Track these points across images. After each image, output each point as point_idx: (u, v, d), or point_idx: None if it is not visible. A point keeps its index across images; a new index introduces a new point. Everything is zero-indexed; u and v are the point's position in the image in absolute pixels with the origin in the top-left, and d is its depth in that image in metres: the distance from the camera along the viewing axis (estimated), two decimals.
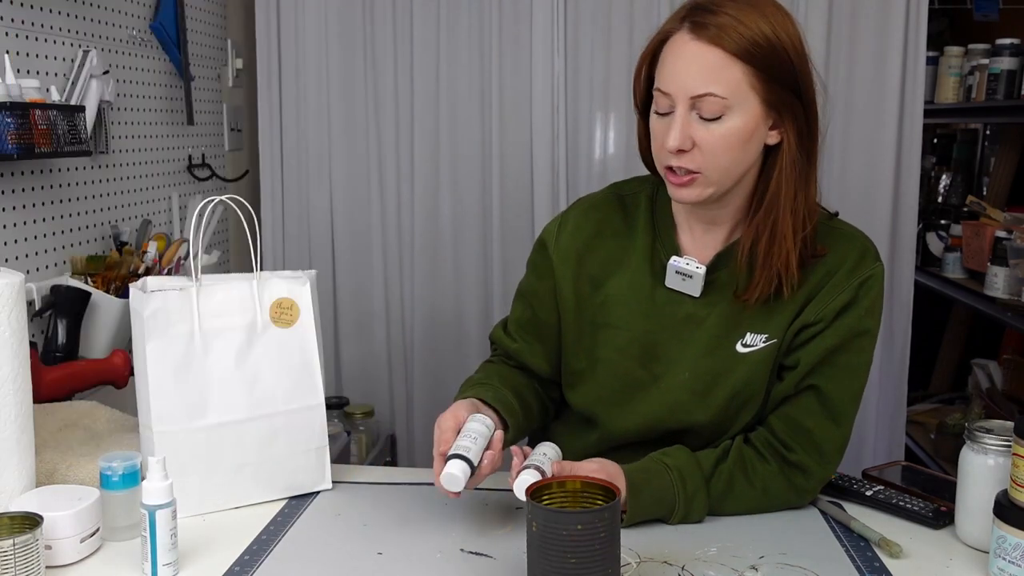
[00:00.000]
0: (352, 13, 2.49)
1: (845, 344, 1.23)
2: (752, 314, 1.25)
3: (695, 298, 1.27)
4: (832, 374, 1.23)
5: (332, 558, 1.13)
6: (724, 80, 1.13)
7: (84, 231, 1.86)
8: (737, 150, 1.16)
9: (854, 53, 2.34)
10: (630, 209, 1.34)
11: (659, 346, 1.28)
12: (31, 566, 1.01)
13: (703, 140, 1.15)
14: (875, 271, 1.25)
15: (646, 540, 1.16)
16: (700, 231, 1.29)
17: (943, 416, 3.25)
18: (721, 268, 1.26)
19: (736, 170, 1.19)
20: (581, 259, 1.33)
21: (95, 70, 1.80)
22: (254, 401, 1.27)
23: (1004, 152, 3.39)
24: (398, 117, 2.52)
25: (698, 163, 1.17)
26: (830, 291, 1.23)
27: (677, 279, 1.27)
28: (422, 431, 2.61)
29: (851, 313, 1.23)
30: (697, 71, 1.14)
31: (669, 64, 1.17)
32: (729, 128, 1.15)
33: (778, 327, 1.25)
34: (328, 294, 2.59)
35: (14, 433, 1.15)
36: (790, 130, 1.18)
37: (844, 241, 1.27)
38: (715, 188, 1.19)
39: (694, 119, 1.15)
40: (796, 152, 1.19)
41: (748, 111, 1.15)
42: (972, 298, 2.92)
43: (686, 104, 1.15)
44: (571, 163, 2.46)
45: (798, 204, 1.20)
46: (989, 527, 1.06)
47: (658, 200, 1.33)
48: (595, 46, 2.40)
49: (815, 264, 1.24)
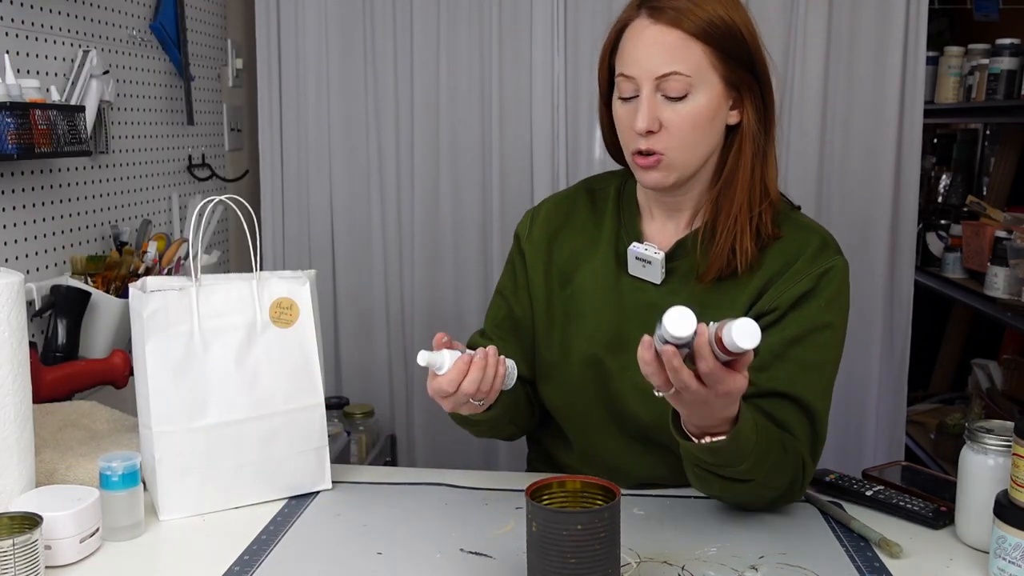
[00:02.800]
0: (352, 13, 2.49)
1: (805, 337, 1.21)
2: (714, 301, 1.25)
3: (657, 285, 1.28)
4: (796, 374, 1.20)
5: (332, 558, 1.13)
6: (686, 59, 1.17)
7: (84, 231, 1.87)
8: (703, 128, 1.20)
9: (854, 53, 2.34)
10: (599, 202, 1.38)
11: (625, 335, 1.29)
12: (31, 566, 1.01)
13: (670, 120, 1.19)
14: (836, 263, 1.25)
15: (646, 540, 1.16)
16: (663, 218, 1.31)
17: (943, 416, 3.25)
18: (682, 255, 1.28)
19: (701, 150, 1.22)
20: (551, 250, 1.36)
21: (95, 70, 1.80)
22: (254, 401, 1.27)
23: (1004, 152, 3.39)
24: (398, 117, 2.52)
25: (665, 143, 1.20)
26: (789, 279, 1.23)
27: (638, 265, 1.29)
28: (422, 431, 2.61)
29: (811, 304, 1.22)
30: (659, 51, 1.18)
31: (630, 48, 1.21)
32: (694, 107, 1.18)
33: (738, 313, 1.22)
34: (328, 294, 2.59)
35: (14, 433, 1.15)
36: (749, 107, 1.22)
37: (805, 231, 1.27)
38: (681, 170, 1.22)
39: (660, 100, 1.19)
40: (755, 128, 1.22)
41: (710, 89, 1.19)
42: (972, 298, 2.92)
43: (651, 85, 1.18)
44: (571, 163, 2.46)
45: (755, 180, 1.23)
46: (989, 527, 1.06)
47: (625, 190, 1.37)
48: (595, 46, 2.39)
49: (773, 249, 1.24)
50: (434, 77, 2.48)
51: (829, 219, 2.35)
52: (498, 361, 1.16)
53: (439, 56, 2.47)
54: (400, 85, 2.50)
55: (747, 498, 1.20)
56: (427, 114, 2.50)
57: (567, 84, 2.43)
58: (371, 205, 2.56)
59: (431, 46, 2.47)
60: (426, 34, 2.47)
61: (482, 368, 1.14)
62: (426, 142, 2.51)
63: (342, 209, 2.57)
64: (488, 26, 2.44)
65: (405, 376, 2.61)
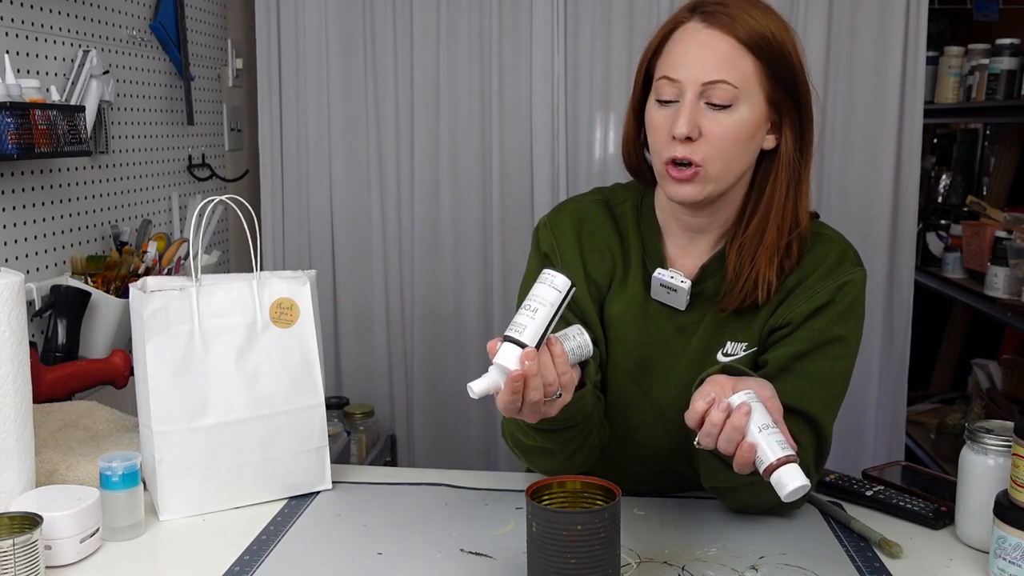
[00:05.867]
0: (352, 13, 2.49)
1: (813, 351, 1.20)
2: (733, 322, 1.23)
3: (683, 310, 1.25)
4: (803, 388, 1.18)
5: (332, 558, 1.13)
6: (736, 69, 1.13)
7: (84, 231, 1.86)
8: (742, 144, 1.15)
9: (854, 53, 2.34)
10: (619, 220, 1.30)
11: (651, 360, 1.26)
12: (31, 566, 1.01)
13: (710, 130, 1.14)
14: (855, 276, 1.22)
15: (646, 540, 1.16)
16: (685, 240, 1.26)
17: (943, 416, 3.25)
18: (707, 279, 1.24)
19: (736, 168, 1.17)
20: (587, 272, 1.28)
21: (95, 70, 1.80)
22: (254, 401, 1.27)
23: (1004, 152, 3.39)
24: (398, 117, 2.52)
25: (703, 154, 1.14)
26: (802, 293, 1.21)
27: (662, 292, 1.24)
28: (422, 431, 2.61)
29: (823, 316, 1.20)
30: (711, 57, 1.13)
31: (679, 51, 1.16)
32: (736, 119, 1.14)
33: (755, 333, 1.23)
34: (328, 294, 2.60)
35: (14, 433, 1.15)
36: (788, 132, 1.18)
37: (823, 244, 1.24)
38: (715, 185, 1.17)
39: (702, 107, 1.14)
40: (793, 154, 1.18)
41: (754, 107, 1.15)
42: (972, 298, 2.92)
43: (695, 91, 1.14)
44: (571, 163, 2.46)
45: (787, 208, 1.19)
46: (989, 527, 1.06)
47: (643, 210, 1.30)
48: (595, 46, 2.40)
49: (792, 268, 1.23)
50: (434, 77, 2.48)
51: (829, 219, 2.32)
52: (548, 343, 1.00)
53: (439, 56, 2.47)
54: (400, 85, 2.50)
55: (749, 497, 1.20)
56: (427, 114, 2.50)
57: (567, 84, 2.43)
58: (371, 205, 2.56)
59: (431, 46, 2.47)
60: (426, 34, 2.47)
61: (536, 370, 0.99)
62: (426, 142, 2.51)
63: (342, 209, 2.57)
64: (488, 26, 2.44)
65: (405, 376, 2.61)
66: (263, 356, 1.28)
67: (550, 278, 1.01)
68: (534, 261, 1.32)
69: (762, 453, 1.00)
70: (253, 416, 1.27)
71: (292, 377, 1.29)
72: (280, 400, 1.28)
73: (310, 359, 1.30)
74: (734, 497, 1.21)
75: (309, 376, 1.30)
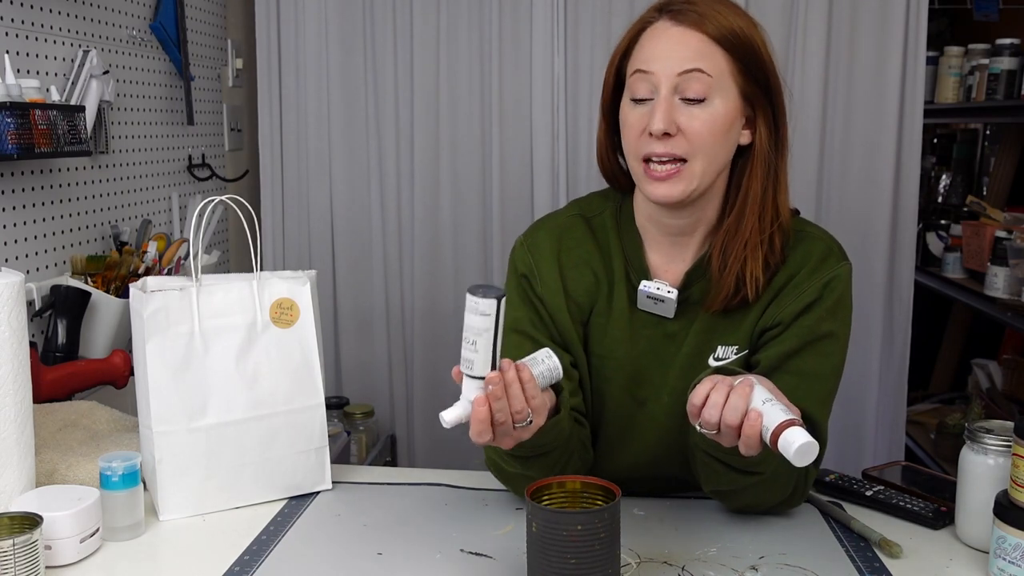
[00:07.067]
0: (352, 13, 2.49)
1: (804, 348, 1.19)
2: (722, 325, 1.23)
3: (670, 319, 1.24)
4: (796, 385, 1.17)
5: (332, 558, 1.13)
6: (709, 59, 1.14)
7: (84, 231, 1.87)
8: (720, 137, 1.15)
9: (854, 53, 2.34)
10: (599, 232, 1.28)
11: (643, 371, 1.25)
12: (31, 566, 1.01)
13: (687, 125, 1.13)
14: (840, 272, 1.22)
15: (646, 540, 1.16)
16: (668, 246, 1.25)
17: (943, 416, 3.25)
18: (693, 285, 1.23)
19: (717, 161, 1.17)
20: (567, 292, 1.25)
21: (95, 70, 1.80)
22: (254, 401, 1.27)
23: (1004, 152, 3.39)
24: (398, 117, 2.52)
25: (684, 149, 1.14)
26: (791, 292, 1.21)
27: (649, 303, 1.24)
28: (422, 431, 2.61)
29: (812, 313, 1.20)
30: (683, 49, 1.14)
31: (651, 47, 1.16)
32: (712, 113, 1.14)
33: (745, 335, 1.22)
34: (328, 294, 2.59)
35: (14, 433, 1.15)
36: (762, 127, 1.19)
37: (807, 241, 1.24)
38: (698, 182, 1.16)
39: (677, 103, 1.14)
40: (767, 148, 1.19)
41: (728, 99, 1.15)
42: (972, 298, 2.92)
43: (670, 85, 1.14)
44: (571, 163, 2.46)
45: (767, 202, 1.19)
46: (989, 527, 1.06)
47: (622, 219, 1.28)
48: (595, 46, 2.40)
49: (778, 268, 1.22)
50: (434, 77, 2.48)
51: (829, 219, 2.36)
52: (516, 369, 1.03)
53: (439, 56, 2.47)
54: (400, 85, 2.50)
55: (751, 498, 1.20)
56: (427, 114, 2.50)
57: (567, 84, 2.43)
58: (371, 205, 2.56)
59: (431, 46, 2.47)
60: (426, 34, 2.47)
61: (500, 393, 1.00)
62: (426, 142, 2.51)
63: (342, 209, 2.57)
64: (488, 26, 2.44)
65: (405, 376, 2.61)
66: (263, 356, 1.28)
67: (474, 305, 1.03)
68: (512, 283, 1.29)
69: (767, 420, 1.01)
70: (253, 416, 1.27)
71: (292, 377, 1.29)
72: (280, 400, 1.28)
73: (310, 359, 1.30)
74: (735, 499, 1.21)
75: (309, 376, 1.30)
